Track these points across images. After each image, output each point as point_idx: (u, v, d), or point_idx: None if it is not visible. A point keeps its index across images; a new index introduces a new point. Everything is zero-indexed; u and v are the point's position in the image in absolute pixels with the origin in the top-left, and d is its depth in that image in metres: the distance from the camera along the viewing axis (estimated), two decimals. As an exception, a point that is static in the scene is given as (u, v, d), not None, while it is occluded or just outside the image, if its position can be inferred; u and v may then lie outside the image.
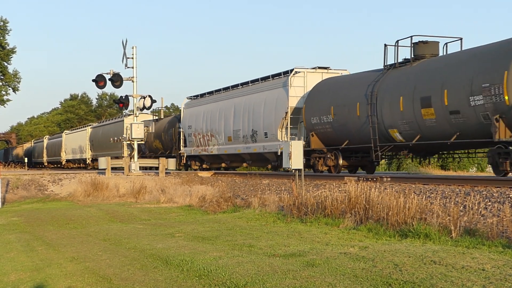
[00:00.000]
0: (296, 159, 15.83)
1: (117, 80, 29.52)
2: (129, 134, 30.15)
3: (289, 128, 26.00)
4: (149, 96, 30.32)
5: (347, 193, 13.54)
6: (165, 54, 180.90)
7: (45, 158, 71.89)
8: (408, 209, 11.68)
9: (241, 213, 16.03)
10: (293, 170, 16.41)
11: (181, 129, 36.60)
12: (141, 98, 30.35)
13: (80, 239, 12.95)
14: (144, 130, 30.10)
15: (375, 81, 21.32)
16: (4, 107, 55.48)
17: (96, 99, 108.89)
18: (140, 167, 30.44)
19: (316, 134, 24.50)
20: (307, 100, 25.20)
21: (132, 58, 29.78)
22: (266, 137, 27.55)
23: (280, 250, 10.12)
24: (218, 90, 33.63)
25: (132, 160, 29.98)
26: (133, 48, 29.88)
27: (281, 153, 22.12)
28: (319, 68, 26.65)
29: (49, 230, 14.82)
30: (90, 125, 60.38)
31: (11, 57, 53.21)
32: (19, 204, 23.01)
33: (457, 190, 14.31)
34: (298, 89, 26.23)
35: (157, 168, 30.80)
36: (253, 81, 30.01)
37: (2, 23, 51.74)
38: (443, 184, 15.81)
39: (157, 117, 44.07)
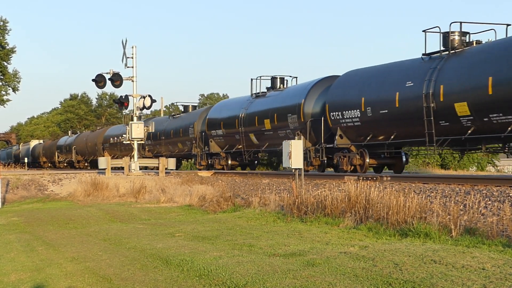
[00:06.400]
0: (296, 159, 15.82)
1: (117, 79, 29.43)
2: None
3: None
4: (149, 95, 30.27)
5: (347, 192, 13.54)
6: (165, 54, 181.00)
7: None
8: (408, 208, 11.68)
9: (241, 213, 16.03)
10: (293, 170, 16.40)
11: None
12: (141, 97, 30.28)
13: (80, 239, 12.94)
14: (144, 130, 30.04)
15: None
16: (4, 107, 55.42)
17: (96, 99, 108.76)
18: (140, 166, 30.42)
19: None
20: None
21: (132, 57, 29.72)
22: None
23: (280, 249, 10.12)
24: None
25: (132, 160, 29.95)
26: (133, 47, 29.81)
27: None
28: None
29: (49, 230, 14.82)
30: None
31: (11, 57, 53.12)
32: (19, 204, 22.99)
33: (457, 189, 14.30)
34: None
35: (157, 168, 30.80)
36: None
37: (2, 23, 51.64)
38: (443, 183, 15.81)
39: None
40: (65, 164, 63.07)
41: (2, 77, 53.01)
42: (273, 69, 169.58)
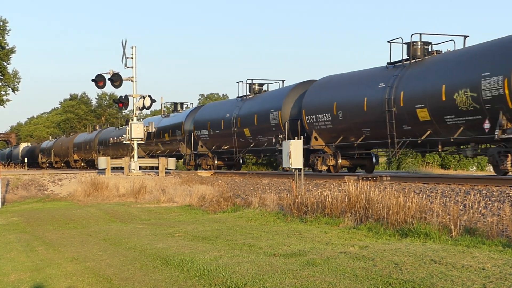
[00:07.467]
0: (296, 159, 15.82)
1: (116, 80, 29.42)
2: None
3: None
4: (149, 95, 30.25)
5: (347, 192, 13.54)
6: (165, 54, 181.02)
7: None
8: (408, 208, 11.68)
9: (241, 213, 16.03)
10: (293, 170, 16.40)
11: None
12: (140, 98, 30.26)
13: (80, 239, 12.94)
14: (144, 130, 30.03)
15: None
16: (4, 107, 55.27)
17: (96, 99, 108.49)
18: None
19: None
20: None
21: (132, 58, 29.71)
22: None
23: (280, 249, 10.12)
24: None
25: (132, 160, 29.94)
26: (132, 48, 29.81)
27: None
28: None
29: (49, 230, 14.82)
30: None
31: (11, 57, 53.02)
32: (19, 204, 22.99)
33: (457, 189, 14.31)
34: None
35: (157, 168, 30.79)
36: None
37: (1, 23, 51.54)
38: (443, 183, 15.82)
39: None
40: (47, 165, 70.62)
41: (2, 77, 52.91)
42: (272, 69, 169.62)
